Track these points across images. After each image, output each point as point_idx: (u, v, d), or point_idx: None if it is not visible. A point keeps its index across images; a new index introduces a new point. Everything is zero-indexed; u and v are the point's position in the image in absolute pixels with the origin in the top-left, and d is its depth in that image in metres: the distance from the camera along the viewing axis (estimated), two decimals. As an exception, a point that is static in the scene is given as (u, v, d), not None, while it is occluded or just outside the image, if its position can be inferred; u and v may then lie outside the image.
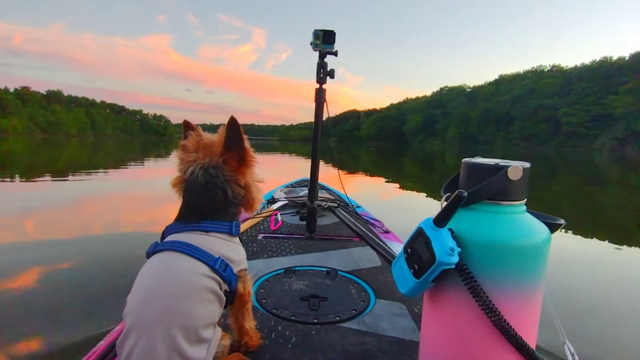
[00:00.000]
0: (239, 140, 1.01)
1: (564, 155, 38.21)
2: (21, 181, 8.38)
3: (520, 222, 0.86)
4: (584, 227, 5.13)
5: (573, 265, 3.43)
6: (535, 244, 0.84)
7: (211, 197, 1.01)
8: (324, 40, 2.31)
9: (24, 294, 2.47)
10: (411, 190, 8.97)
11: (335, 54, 2.35)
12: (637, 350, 2.05)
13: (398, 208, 6.46)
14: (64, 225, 4.46)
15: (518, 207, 0.88)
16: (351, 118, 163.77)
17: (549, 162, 24.75)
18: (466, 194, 0.82)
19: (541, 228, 0.87)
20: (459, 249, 0.83)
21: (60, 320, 2.15)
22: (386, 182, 10.70)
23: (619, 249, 4.18)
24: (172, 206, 1.05)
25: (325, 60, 2.35)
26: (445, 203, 0.86)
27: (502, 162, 0.87)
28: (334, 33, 2.31)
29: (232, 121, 0.99)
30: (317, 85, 2.38)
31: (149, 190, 7.49)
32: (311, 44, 2.33)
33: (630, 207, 7.24)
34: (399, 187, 9.50)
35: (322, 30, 2.30)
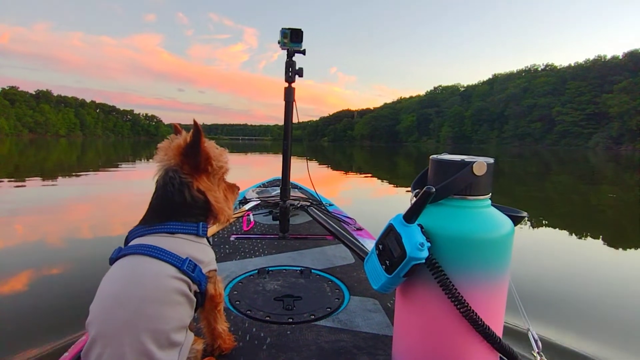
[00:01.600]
0: (196, 146, 1.00)
1: (557, 154, 38.52)
2: (9, 181, 8.32)
3: (485, 215, 0.90)
4: (545, 218, 5.37)
5: (535, 255, 3.60)
6: (500, 236, 0.88)
7: (170, 199, 1.00)
8: (292, 39, 2.35)
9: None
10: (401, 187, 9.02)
11: (304, 52, 2.39)
12: (598, 333, 2.14)
13: (374, 205, 6.51)
14: (47, 229, 4.43)
15: (483, 201, 0.92)
16: (345, 118, 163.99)
17: (542, 160, 24.96)
18: (434, 189, 0.85)
19: (505, 221, 0.91)
20: (429, 244, 0.86)
21: (25, 331, 2.06)
22: (380, 181, 10.75)
23: (609, 245, 4.29)
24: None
25: (294, 59, 2.39)
26: (414, 199, 0.89)
27: (467, 158, 0.91)
28: (302, 31, 2.35)
29: (194, 126, 0.99)
30: (286, 84, 2.41)
31: (134, 192, 7.47)
32: (279, 42, 2.37)
33: (615, 205, 7.33)
34: (392, 186, 9.54)
35: (289, 28, 2.34)
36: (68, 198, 6.66)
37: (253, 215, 2.92)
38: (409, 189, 0.99)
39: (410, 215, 0.88)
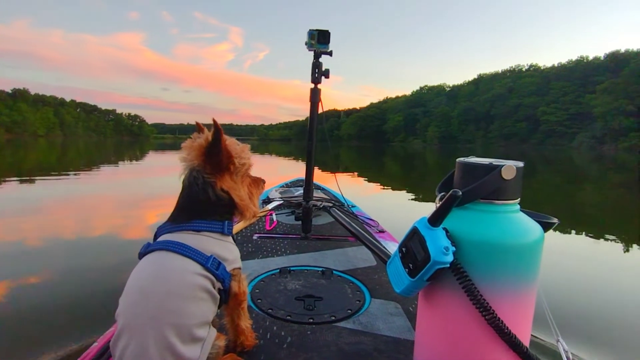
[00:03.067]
0: (217, 146, 1.02)
1: (543, 153, 39.07)
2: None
3: (514, 221, 0.89)
4: (572, 225, 5.29)
5: (564, 263, 3.50)
6: (529, 243, 0.86)
7: (195, 198, 1.02)
8: (319, 40, 2.35)
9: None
10: (400, 190, 9.05)
11: (330, 53, 2.39)
12: (628, 346, 2.12)
13: (393, 208, 6.54)
14: (29, 231, 4.34)
15: (512, 206, 0.90)
16: (331, 117, 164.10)
17: (529, 160, 25.31)
18: (460, 193, 0.85)
19: (535, 227, 0.90)
20: (454, 248, 0.85)
21: (48, 329, 2.12)
22: (368, 181, 10.78)
23: (611, 245, 4.31)
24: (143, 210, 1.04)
25: (320, 60, 2.39)
26: (439, 202, 0.89)
27: (495, 161, 0.89)
28: (329, 33, 2.35)
29: (214, 126, 1.01)
30: (312, 85, 2.41)
31: (117, 194, 7.37)
32: (306, 43, 2.36)
33: (610, 205, 7.47)
34: (388, 187, 9.57)
35: (317, 30, 2.34)
36: (50, 199, 6.53)
37: (276, 215, 2.95)
38: (405, 191, 0.98)
39: (435, 219, 0.87)
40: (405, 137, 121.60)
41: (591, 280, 3.15)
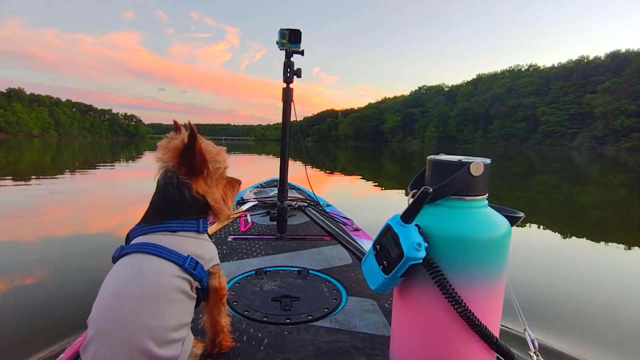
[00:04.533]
0: (192, 150, 1.02)
1: (542, 154, 39.16)
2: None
3: (482, 216, 0.92)
4: (544, 219, 5.47)
5: (532, 256, 3.66)
6: (497, 237, 0.90)
7: (170, 199, 1.02)
8: (290, 40, 2.37)
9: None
10: (389, 189, 9.07)
11: (302, 53, 2.41)
12: (593, 332, 2.19)
13: (369, 206, 6.58)
14: (24, 231, 4.35)
15: (480, 201, 0.94)
16: (328, 118, 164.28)
17: (527, 160, 25.36)
18: (431, 190, 0.88)
19: (502, 221, 0.94)
20: (426, 244, 0.88)
21: (21, 334, 2.09)
22: (363, 180, 10.79)
23: (591, 243, 4.43)
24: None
25: (292, 59, 2.40)
26: (411, 199, 0.91)
27: (464, 158, 0.93)
28: (300, 32, 2.37)
29: (189, 129, 1.01)
30: (284, 85, 2.43)
31: (113, 195, 7.37)
32: (277, 43, 2.38)
33: (604, 205, 7.51)
34: (377, 186, 9.59)
35: (287, 29, 2.36)
36: (46, 200, 6.53)
37: (250, 215, 2.95)
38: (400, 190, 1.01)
39: (408, 216, 0.90)
40: (403, 138, 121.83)
41: (558, 273, 3.27)
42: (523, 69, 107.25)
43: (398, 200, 7.36)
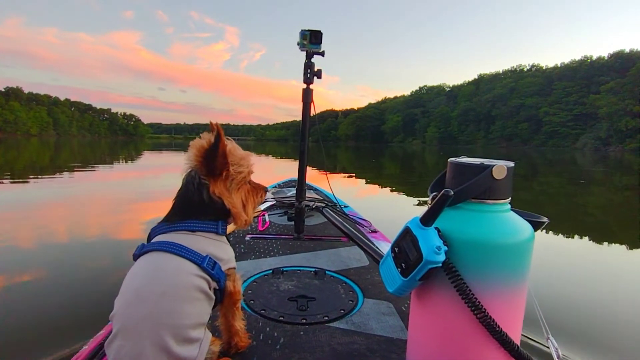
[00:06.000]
0: (214, 152, 1.03)
1: (546, 155, 39.10)
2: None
3: (505, 220, 0.92)
4: (566, 226, 5.32)
5: (556, 263, 3.55)
6: (519, 242, 0.89)
7: (190, 199, 1.04)
8: (311, 41, 2.37)
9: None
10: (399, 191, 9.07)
11: (322, 54, 2.41)
12: (618, 343, 2.15)
13: (386, 207, 6.57)
14: (24, 232, 4.34)
15: (503, 205, 0.93)
16: (329, 118, 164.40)
17: (530, 161, 25.32)
18: (452, 193, 0.87)
19: (525, 226, 0.93)
20: (446, 248, 0.88)
21: (37, 333, 2.10)
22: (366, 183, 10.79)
23: (601, 246, 4.34)
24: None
25: (313, 60, 2.41)
26: (431, 202, 0.91)
27: (487, 161, 0.92)
28: (321, 33, 2.38)
29: (216, 129, 1.02)
30: (304, 86, 2.44)
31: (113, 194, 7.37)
32: (298, 44, 2.39)
33: (613, 207, 7.50)
34: (386, 188, 9.59)
35: (309, 30, 2.36)
36: (48, 199, 6.53)
37: (268, 215, 3.00)
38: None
39: (428, 218, 0.89)
40: (404, 138, 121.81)
41: (583, 280, 3.19)
42: (525, 69, 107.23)
43: (409, 201, 7.36)
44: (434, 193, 0.93)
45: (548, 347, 1.00)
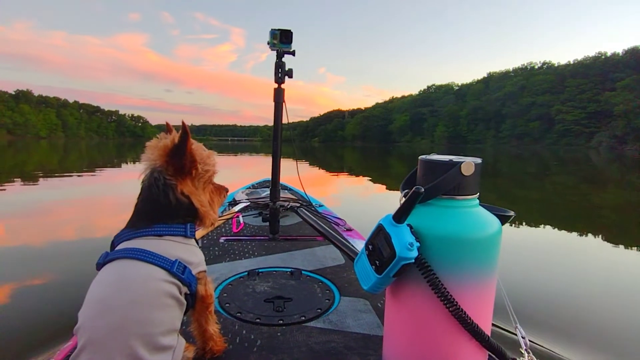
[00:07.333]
0: (182, 149, 1.01)
1: (558, 154, 38.76)
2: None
3: (474, 215, 0.95)
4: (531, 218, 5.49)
5: (523, 254, 3.68)
6: (488, 236, 0.92)
7: (155, 201, 1.01)
8: (282, 40, 2.40)
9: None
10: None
11: (293, 53, 2.44)
12: (582, 329, 2.21)
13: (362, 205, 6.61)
14: (32, 234, 4.39)
15: (471, 201, 0.96)
16: (335, 118, 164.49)
17: (542, 161, 25.13)
18: (423, 190, 0.90)
19: (493, 220, 0.96)
20: (418, 244, 0.91)
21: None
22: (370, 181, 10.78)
23: (569, 238, 4.50)
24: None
25: (283, 60, 2.44)
26: (403, 199, 0.93)
27: (455, 158, 0.95)
28: (291, 32, 2.41)
29: (182, 127, 1.00)
30: (275, 85, 2.47)
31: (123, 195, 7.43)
32: (268, 43, 2.41)
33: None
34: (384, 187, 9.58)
35: (279, 29, 2.39)
36: (54, 201, 6.60)
37: (243, 216, 2.98)
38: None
39: (400, 216, 0.92)
40: (412, 138, 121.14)
41: (550, 272, 3.27)
42: (536, 67, 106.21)
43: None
44: (406, 190, 0.95)
45: (516, 335, 1.03)
